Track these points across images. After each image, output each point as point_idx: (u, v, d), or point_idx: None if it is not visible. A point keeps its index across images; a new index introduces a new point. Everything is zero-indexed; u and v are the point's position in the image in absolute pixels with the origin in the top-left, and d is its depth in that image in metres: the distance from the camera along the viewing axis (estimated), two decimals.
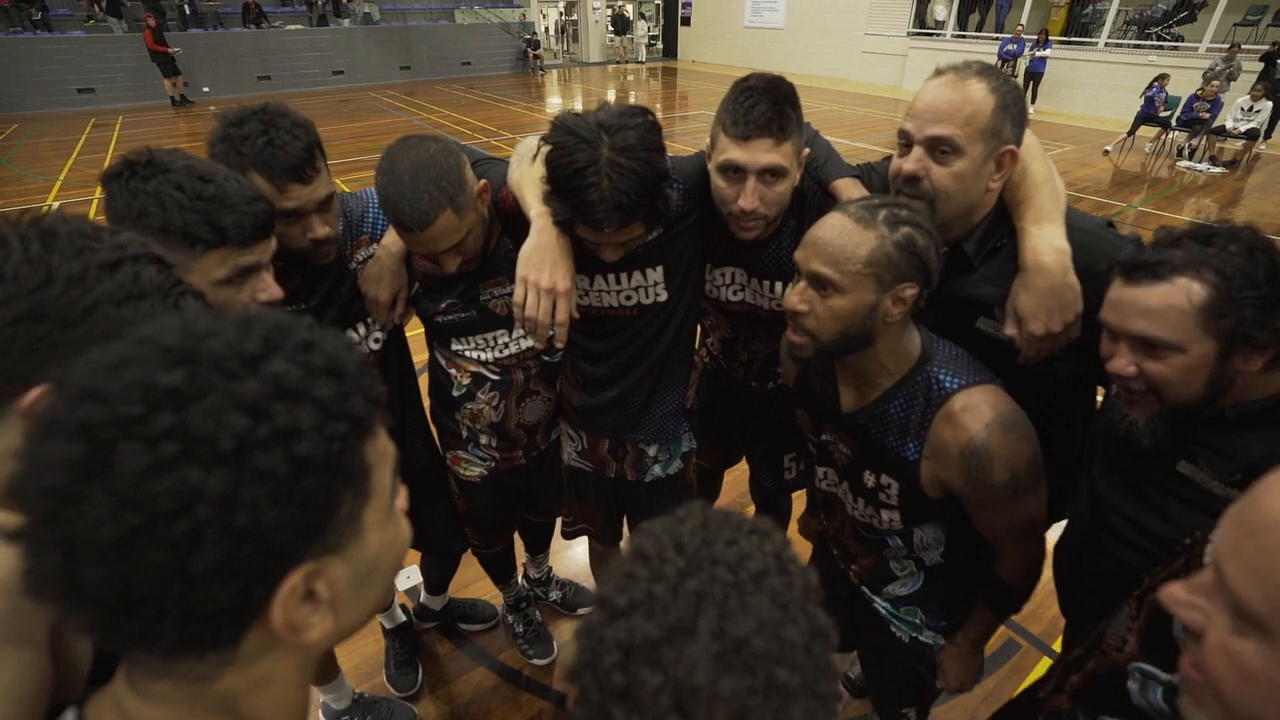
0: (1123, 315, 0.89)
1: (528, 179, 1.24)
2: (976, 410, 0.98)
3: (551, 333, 1.16)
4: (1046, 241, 1.06)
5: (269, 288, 1.02)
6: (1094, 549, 1.04)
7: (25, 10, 11.98)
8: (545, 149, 1.12)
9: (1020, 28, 11.72)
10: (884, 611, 1.27)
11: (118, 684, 0.47)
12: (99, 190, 0.97)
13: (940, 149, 1.07)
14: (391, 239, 1.37)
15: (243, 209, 0.95)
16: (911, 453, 1.04)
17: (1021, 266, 1.07)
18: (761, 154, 1.16)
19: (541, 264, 1.14)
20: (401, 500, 0.54)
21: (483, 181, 1.27)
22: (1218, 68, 8.97)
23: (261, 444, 0.39)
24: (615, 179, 1.05)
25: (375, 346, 1.46)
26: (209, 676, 0.45)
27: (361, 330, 1.42)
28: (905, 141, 1.12)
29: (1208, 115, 8.33)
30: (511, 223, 1.34)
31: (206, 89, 12.71)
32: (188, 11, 13.16)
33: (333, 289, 1.35)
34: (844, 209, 0.99)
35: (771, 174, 1.18)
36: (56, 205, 6.29)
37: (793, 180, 1.22)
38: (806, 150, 1.26)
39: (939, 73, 1.11)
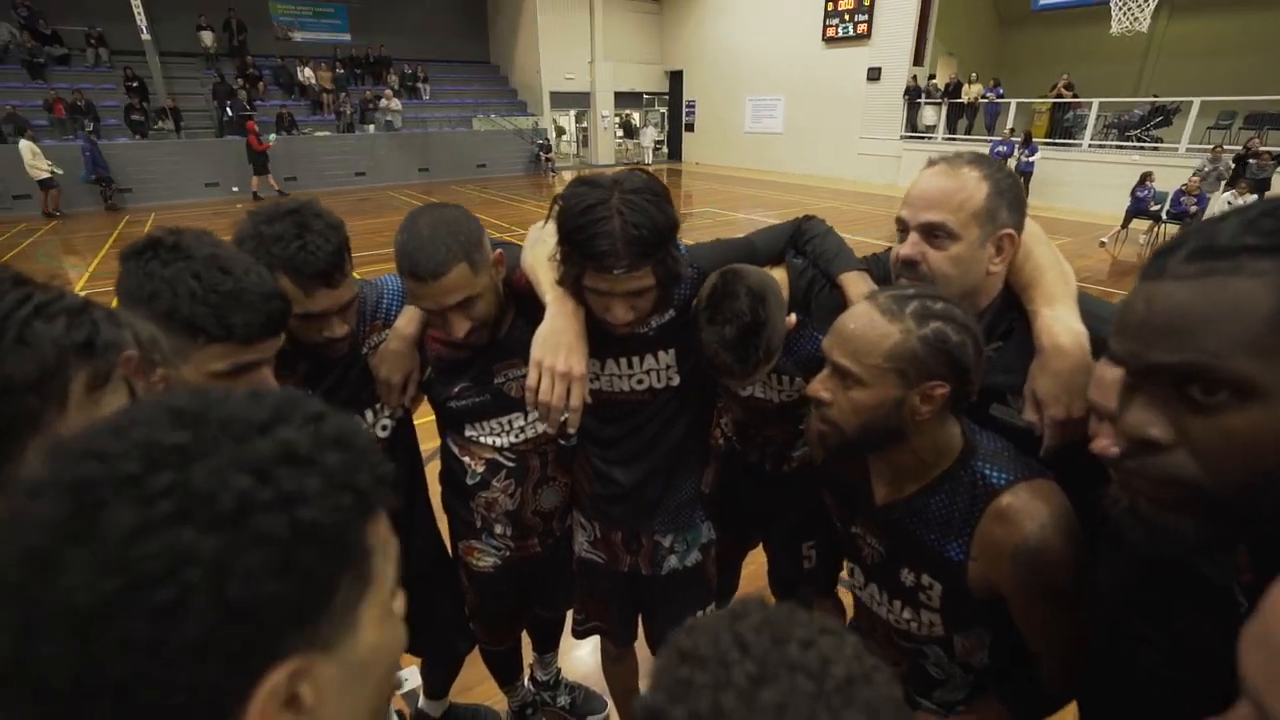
0: (1099, 388, 0.83)
1: (541, 260, 1.25)
2: (1030, 508, 0.92)
3: (565, 418, 1.14)
4: (1062, 324, 1.04)
5: (265, 384, 0.98)
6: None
7: (79, 120, 12.90)
8: (558, 207, 1.13)
9: (1009, 131, 12.43)
10: (936, 711, 1.17)
11: None
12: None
13: (934, 234, 1.08)
14: (404, 322, 1.37)
15: (257, 307, 0.92)
16: (956, 553, 0.98)
17: (1038, 349, 1.05)
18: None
19: (557, 347, 1.14)
20: (399, 603, 0.48)
21: (498, 251, 1.28)
22: (1206, 168, 9.44)
23: (264, 507, 0.37)
24: (627, 213, 1.07)
25: (383, 434, 1.43)
26: None
27: (370, 416, 1.40)
28: (902, 229, 1.14)
29: (1195, 209, 8.65)
30: (525, 305, 1.35)
31: (236, 189, 13.45)
32: (227, 117, 14.19)
33: (344, 374, 1.34)
34: (874, 299, 0.97)
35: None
36: (84, 295, 6.46)
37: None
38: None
39: (932, 163, 1.13)
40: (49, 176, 11.82)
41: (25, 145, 11.62)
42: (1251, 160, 9.23)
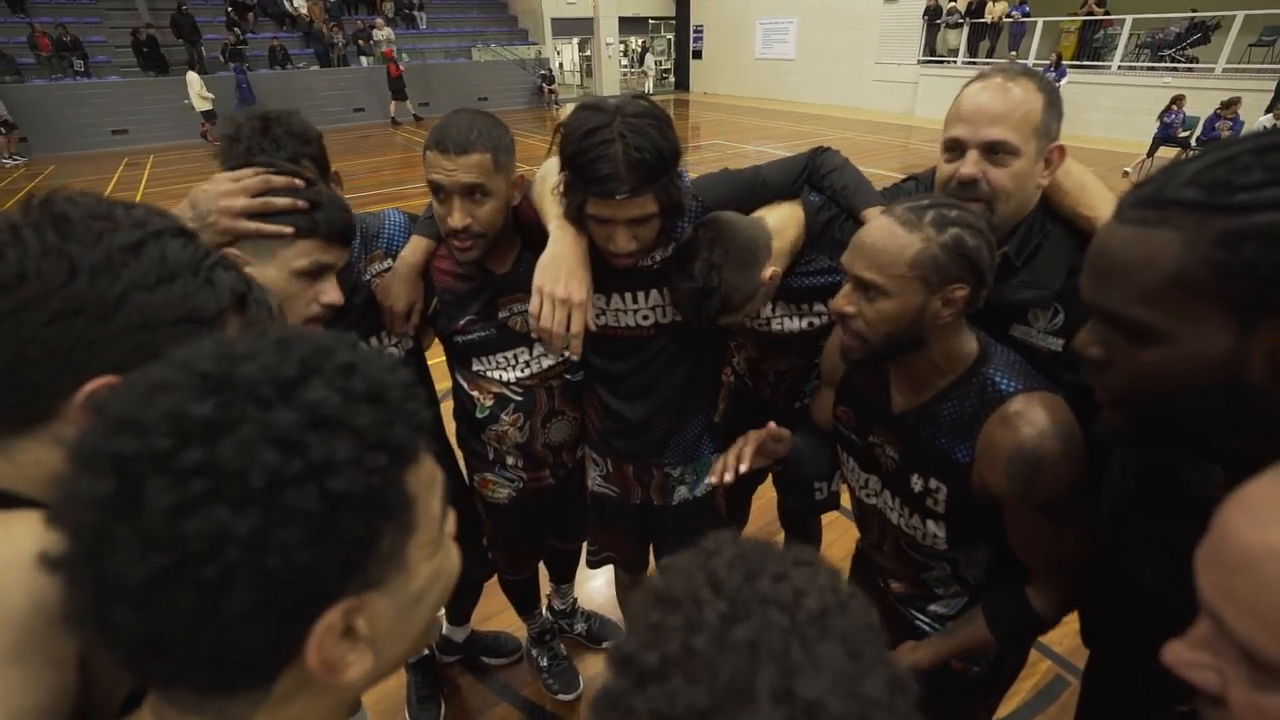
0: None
1: (547, 194, 1.26)
2: (1033, 415, 0.94)
3: (567, 350, 1.16)
4: None
5: (331, 291, 1.07)
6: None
7: (67, 59, 12.51)
8: (561, 134, 1.14)
9: (1032, 55, 11.78)
10: (928, 629, 1.22)
11: (145, 716, 0.44)
12: None
13: (996, 151, 1.07)
14: (410, 250, 1.38)
15: (336, 208, 1.05)
16: (963, 455, 1.00)
17: None
18: None
19: (558, 274, 1.14)
20: (450, 525, 0.51)
21: (520, 174, 1.28)
22: None
23: (294, 480, 0.37)
24: (629, 137, 1.06)
25: None
26: (241, 716, 0.43)
27: (376, 345, 1.42)
28: (954, 148, 1.11)
29: (1229, 135, 8.28)
30: (532, 239, 1.34)
31: None
32: (205, 55, 13.70)
33: (348, 299, 1.35)
34: (890, 211, 0.98)
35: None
36: None
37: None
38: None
39: (983, 77, 1.11)
40: (211, 109, 12.27)
41: (193, 77, 12.13)
42: None
